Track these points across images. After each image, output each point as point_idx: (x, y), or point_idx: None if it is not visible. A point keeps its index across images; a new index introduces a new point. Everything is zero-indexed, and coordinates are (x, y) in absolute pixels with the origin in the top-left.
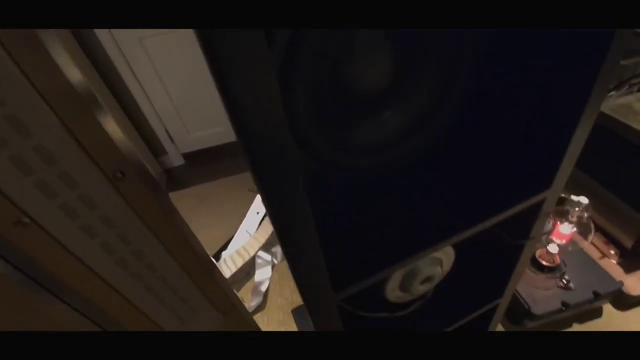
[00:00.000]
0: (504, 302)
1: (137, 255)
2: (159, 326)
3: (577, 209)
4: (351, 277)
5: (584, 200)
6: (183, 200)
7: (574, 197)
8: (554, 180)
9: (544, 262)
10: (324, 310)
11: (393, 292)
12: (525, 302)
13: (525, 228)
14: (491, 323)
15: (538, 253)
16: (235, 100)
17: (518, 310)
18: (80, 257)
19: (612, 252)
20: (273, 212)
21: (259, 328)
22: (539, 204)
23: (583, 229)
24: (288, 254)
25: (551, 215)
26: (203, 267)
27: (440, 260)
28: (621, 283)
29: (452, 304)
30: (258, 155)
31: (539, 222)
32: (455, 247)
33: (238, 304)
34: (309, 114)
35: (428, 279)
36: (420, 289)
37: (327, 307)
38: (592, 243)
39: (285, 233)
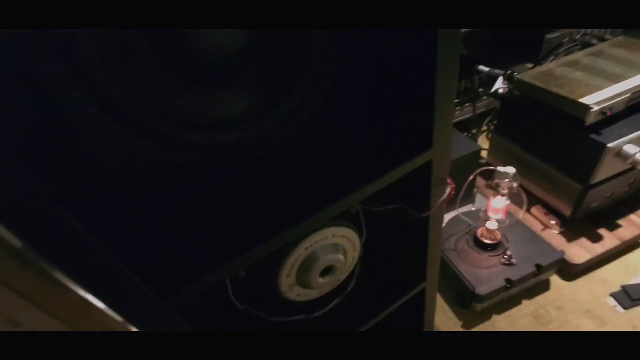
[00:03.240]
0: (430, 285)
1: None
2: None
3: (505, 180)
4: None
5: (510, 170)
6: None
7: (500, 168)
8: (434, 140)
9: (486, 241)
10: (155, 320)
11: (291, 289)
12: (470, 284)
13: (425, 200)
14: (425, 311)
15: (479, 232)
16: None
17: (465, 294)
18: None
19: (553, 222)
20: None
21: None
22: (427, 168)
23: (516, 200)
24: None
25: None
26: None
27: (341, 247)
28: (562, 253)
29: (376, 295)
30: None
31: (435, 190)
32: (357, 225)
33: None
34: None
35: (329, 269)
36: (321, 282)
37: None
38: (533, 215)
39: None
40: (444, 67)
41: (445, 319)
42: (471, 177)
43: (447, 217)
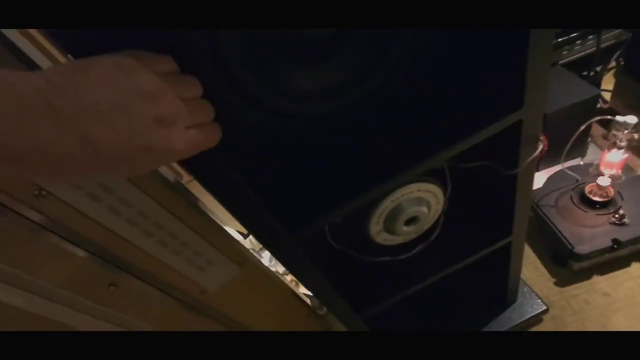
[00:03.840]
0: (517, 240)
1: (142, 215)
2: (177, 271)
3: (625, 131)
4: (307, 216)
5: (631, 119)
6: None
7: (619, 118)
8: (525, 98)
9: (595, 198)
10: (288, 252)
11: (379, 234)
12: (569, 242)
13: (513, 158)
14: (510, 264)
15: (588, 188)
16: None
17: (562, 251)
18: (93, 217)
19: None
20: None
21: (276, 276)
22: (517, 126)
23: (638, 152)
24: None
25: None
26: (209, 223)
27: (425, 201)
28: None
29: (459, 245)
30: None
31: (525, 148)
32: (442, 181)
33: (249, 255)
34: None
35: (413, 219)
36: (405, 230)
37: (287, 247)
38: None
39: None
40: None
41: (536, 275)
42: (582, 128)
43: (550, 171)
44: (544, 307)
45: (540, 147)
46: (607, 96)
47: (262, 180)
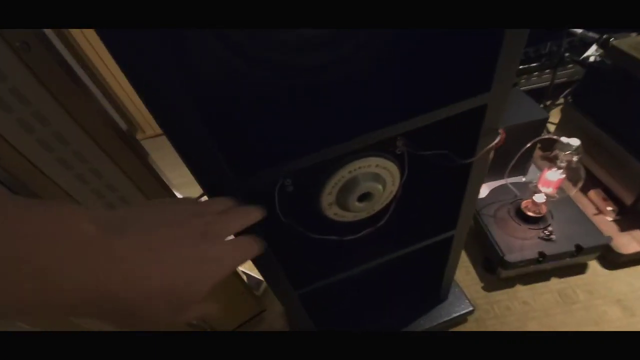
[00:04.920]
0: (458, 235)
1: (80, 158)
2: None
3: (567, 152)
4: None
5: (574, 142)
6: None
7: (563, 139)
8: (493, 84)
9: (529, 213)
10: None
11: (330, 207)
12: (500, 249)
13: (471, 149)
14: (448, 262)
15: (524, 204)
16: None
17: (493, 258)
18: (18, 148)
19: (610, 208)
20: None
21: None
22: (480, 112)
23: (573, 176)
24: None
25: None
26: (124, 146)
27: (382, 178)
28: (609, 238)
29: (405, 233)
30: None
31: (484, 138)
32: (400, 165)
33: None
34: None
35: (366, 195)
36: (357, 206)
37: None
38: (588, 197)
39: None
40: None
41: (467, 278)
42: (529, 145)
43: (494, 184)
44: (471, 308)
45: (498, 138)
46: (551, 128)
47: (224, 127)
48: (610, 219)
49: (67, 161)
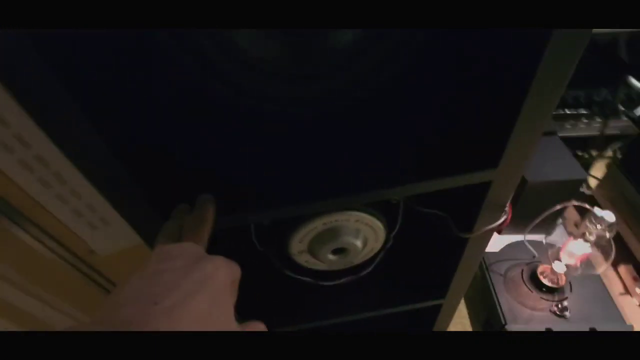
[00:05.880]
0: (447, 306)
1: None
2: (61, 222)
3: (598, 226)
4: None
5: (609, 217)
6: None
7: (597, 210)
8: (502, 161)
9: (545, 281)
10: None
11: (301, 254)
12: (503, 316)
13: (472, 220)
14: (435, 324)
15: (541, 269)
16: None
17: (494, 322)
18: None
19: (639, 290)
20: None
21: None
22: (485, 188)
23: (602, 251)
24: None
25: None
26: None
27: (363, 235)
28: (631, 327)
29: (389, 289)
30: None
31: (486, 214)
32: (390, 226)
33: None
34: None
35: (342, 250)
36: (330, 258)
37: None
38: (618, 273)
39: None
40: (545, 76)
41: None
42: (557, 208)
43: (511, 238)
44: None
45: (503, 219)
46: (592, 183)
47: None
48: (637, 303)
49: (49, 182)
